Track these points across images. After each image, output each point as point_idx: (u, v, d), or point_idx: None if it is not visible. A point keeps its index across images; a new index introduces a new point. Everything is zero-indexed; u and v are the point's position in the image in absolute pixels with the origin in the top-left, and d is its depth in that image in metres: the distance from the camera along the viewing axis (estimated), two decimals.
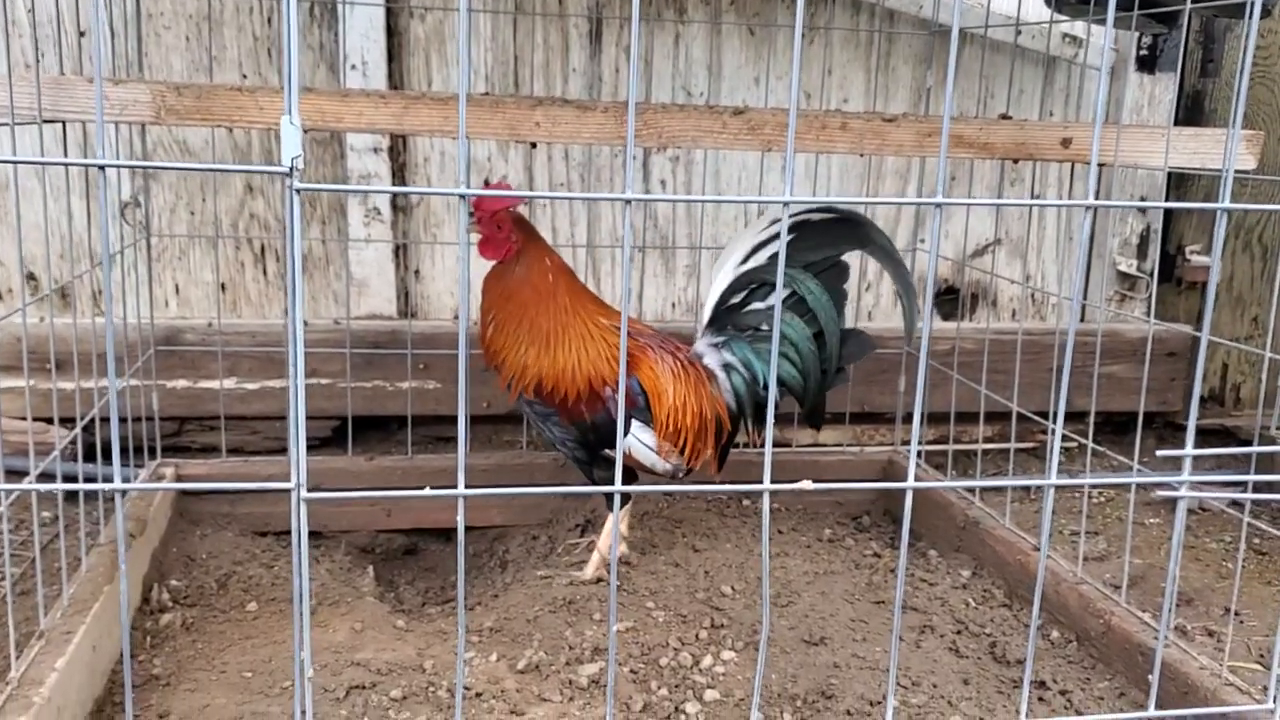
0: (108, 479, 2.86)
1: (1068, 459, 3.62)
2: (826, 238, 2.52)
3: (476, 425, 3.26)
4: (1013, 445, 2.90)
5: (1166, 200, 3.65)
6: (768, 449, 1.15)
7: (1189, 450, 1.22)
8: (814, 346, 2.53)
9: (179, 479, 2.87)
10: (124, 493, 2.28)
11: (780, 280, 1.09)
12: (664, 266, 3.42)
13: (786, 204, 1.10)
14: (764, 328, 2.55)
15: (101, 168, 1.00)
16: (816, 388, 2.57)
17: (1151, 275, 3.56)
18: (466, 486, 1.14)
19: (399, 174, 3.18)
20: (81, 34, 2.85)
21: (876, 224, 2.55)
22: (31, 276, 3.09)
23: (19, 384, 2.85)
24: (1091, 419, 2.54)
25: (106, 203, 1.03)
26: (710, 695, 2.10)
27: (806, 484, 1.16)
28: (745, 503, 3.11)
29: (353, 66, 3.03)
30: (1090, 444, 2.46)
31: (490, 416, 3.28)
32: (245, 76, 3.07)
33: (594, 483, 2.61)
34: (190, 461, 2.97)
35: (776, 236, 2.52)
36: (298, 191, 1.01)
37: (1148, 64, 3.47)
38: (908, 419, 3.28)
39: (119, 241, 2.90)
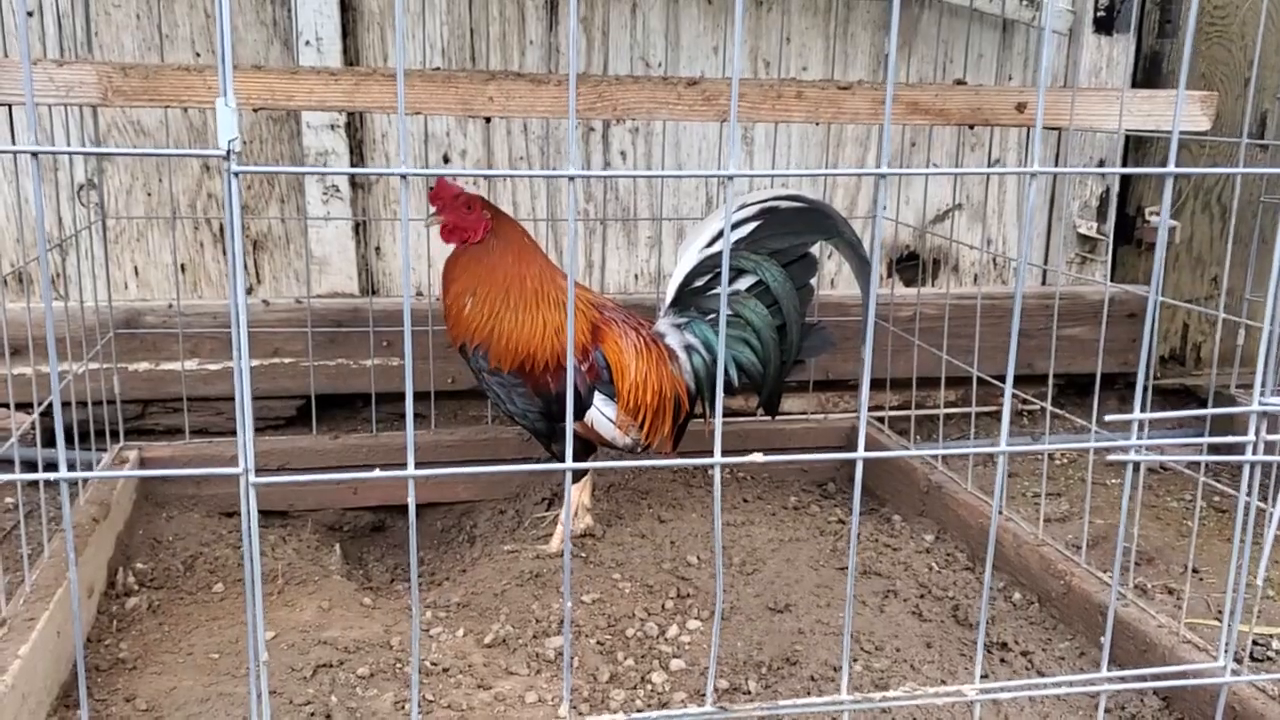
0: (69, 463, 2.84)
1: (1031, 421, 3.66)
2: (794, 226, 2.52)
3: (442, 401, 3.26)
4: (974, 409, 2.93)
5: (1124, 163, 3.66)
6: (717, 423, 1.15)
7: (1136, 414, 1.23)
8: (776, 335, 2.55)
9: (142, 462, 2.86)
10: (70, 483, 2.27)
11: (726, 256, 1.09)
12: (626, 238, 3.42)
13: (731, 178, 1.11)
14: (728, 311, 2.56)
15: (34, 154, 0.99)
16: (775, 375, 2.59)
17: (1110, 238, 3.58)
18: (431, 463, 1.14)
19: (357, 150, 3.16)
20: (30, 14, 2.81)
21: (844, 216, 2.55)
22: None
23: None
24: (1050, 382, 2.57)
25: (39, 192, 1.02)
26: (676, 665, 2.12)
27: (757, 456, 1.17)
28: (711, 473, 3.12)
29: (307, 43, 3.00)
30: (1049, 407, 2.49)
31: (455, 392, 3.27)
32: (199, 55, 3.03)
33: (551, 454, 2.63)
34: (154, 444, 2.94)
35: (744, 221, 2.53)
36: (236, 175, 1.00)
37: (1105, 25, 3.48)
38: (872, 386, 3.29)
39: (75, 224, 2.87)
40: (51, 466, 2.83)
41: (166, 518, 2.75)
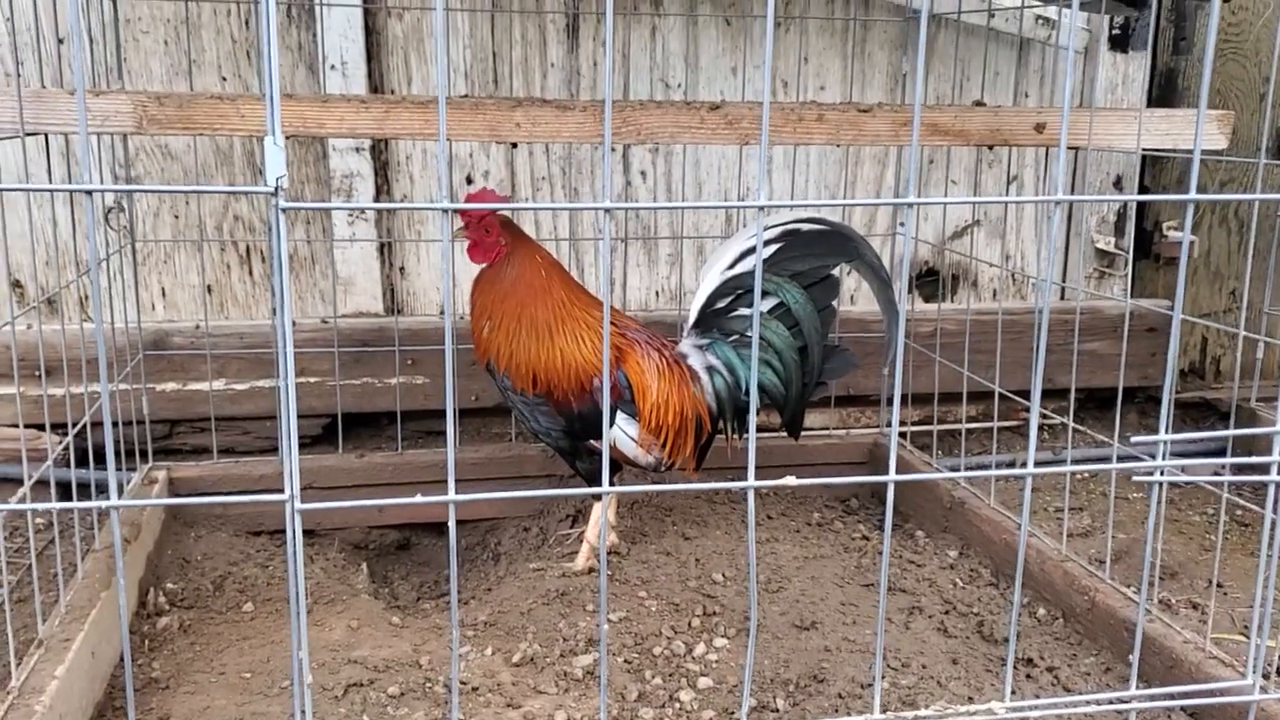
0: (100, 484, 2.88)
1: (1052, 436, 3.67)
2: (815, 249, 2.54)
3: (466, 418, 3.29)
4: (995, 424, 2.94)
5: (1141, 178, 3.68)
6: (751, 446, 1.17)
7: (1162, 436, 1.25)
8: (797, 356, 2.56)
9: (171, 481, 2.89)
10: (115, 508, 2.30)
11: (759, 284, 1.11)
12: (646, 256, 3.45)
13: (763, 208, 1.13)
14: (749, 333, 2.58)
15: (88, 192, 1.02)
16: (798, 397, 2.60)
17: (1129, 253, 3.60)
18: (457, 480, 1.17)
19: (381, 172, 3.20)
20: (60, 41, 2.86)
21: (864, 234, 2.57)
22: (17, 284, 3.10)
23: (9, 391, 2.86)
24: (1071, 398, 2.58)
25: (94, 225, 1.05)
26: (704, 682, 2.14)
27: (790, 480, 1.19)
28: (737, 491, 3.14)
29: (332, 67, 3.04)
30: (1071, 424, 2.50)
31: (479, 409, 3.30)
32: (225, 79, 3.08)
33: (575, 471, 2.66)
34: (182, 464, 2.98)
35: (767, 243, 2.55)
36: (283, 211, 1.03)
37: (1120, 43, 3.50)
38: (892, 401, 3.31)
39: (106, 247, 2.91)
40: (84, 487, 2.87)
41: (195, 537, 2.78)
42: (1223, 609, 2.52)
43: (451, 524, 1.11)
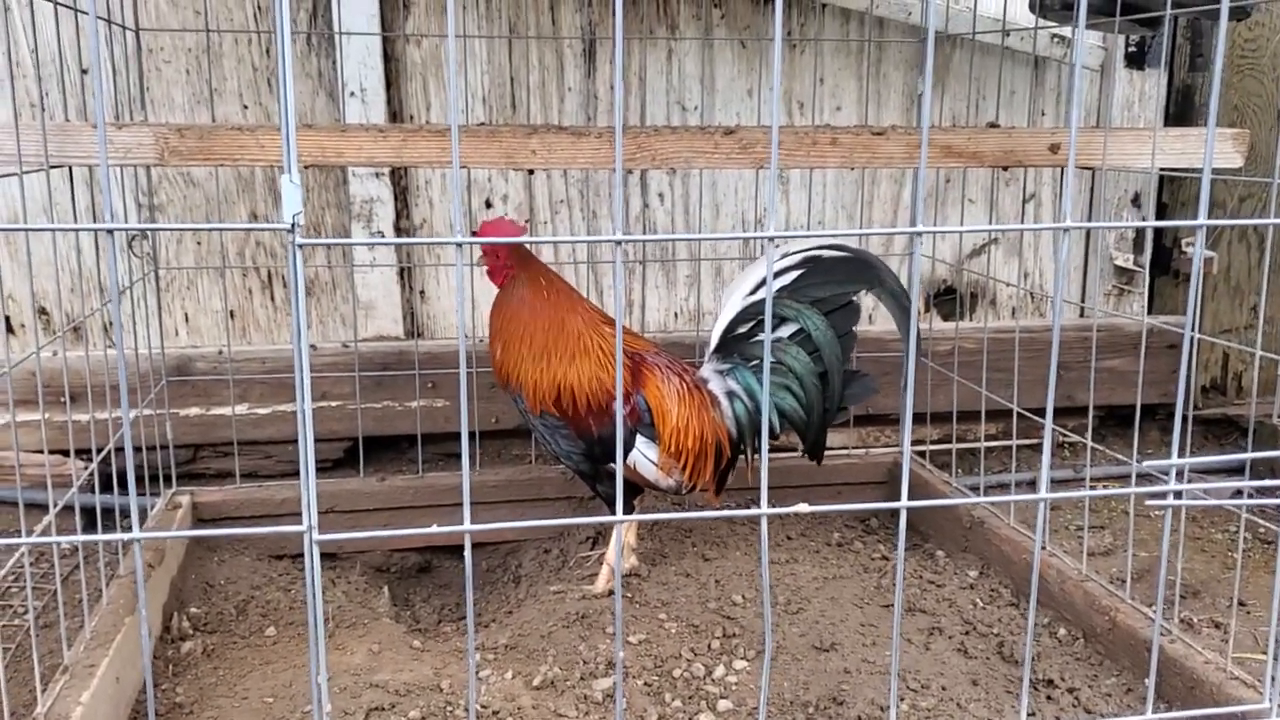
0: (125, 509, 2.90)
1: (1072, 453, 3.65)
2: (836, 275, 2.54)
3: (486, 440, 3.30)
4: (1014, 443, 2.94)
5: (1159, 195, 3.67)
6: (763, 477, 1.18)
7: (1174, 460, 1.25)
8: (818, 382, 2.56)
9: (194, 506, 2.92)
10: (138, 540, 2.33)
11: (769, 312, 1.12)
12: (665, 278, 3.46)
13: (772, 239, 1.14)
14: (770, 359, 2.59)
15: (110, 231, 1.04)
16: (819, 423, 2.60)
17: (1147, 270, 3.59)
18: (476, 504, 1.18)
19: (401, 197, 3.23)
20: (84, 72, 2.90)
21: (883, 259, 2.57)
22: (43, 311, 3.14)
23: (35, 417, 2.89)
24: (1090, 416, 2.58)
25: (115, 260, 1.07)
26: (724, 705, 2.14)
27: (802, 507, 1.20)
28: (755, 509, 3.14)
29: (351, 94, 3.07)
30: (1090, 443, 2.49)
31: (499, 432, 3.32)
32: (246, 107, 3.11)
33: (596, 493, 2.67)
34: (205, 488, 3.01)
35: (787, 269, 2.56)
36: (300, 247, 1.05)
37: (1136, 60, 3.50)
38: (912, 420, 3.30)
39: (130, 274, 2.95)
40: (109, 512, 2.90)
41: (218, 561, 2.81)
42: (1245, 628, 2.50)
43: (468, 555, 1.12)
